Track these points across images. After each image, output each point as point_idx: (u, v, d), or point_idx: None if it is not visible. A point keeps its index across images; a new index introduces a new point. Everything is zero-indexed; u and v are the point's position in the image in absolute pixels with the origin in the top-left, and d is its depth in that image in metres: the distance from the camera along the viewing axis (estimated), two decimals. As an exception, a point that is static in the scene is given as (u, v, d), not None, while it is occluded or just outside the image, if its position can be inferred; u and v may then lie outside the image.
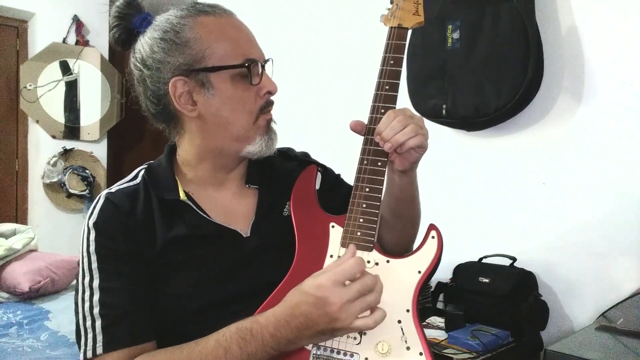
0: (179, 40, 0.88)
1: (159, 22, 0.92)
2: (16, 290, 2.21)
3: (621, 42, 1.63)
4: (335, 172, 1.11)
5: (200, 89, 0.89)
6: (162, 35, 0.89)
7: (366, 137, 0.91)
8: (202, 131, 0.92)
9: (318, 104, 2.51)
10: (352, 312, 0.75)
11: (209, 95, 0.89)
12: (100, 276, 0.85)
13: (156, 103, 0.92)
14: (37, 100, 3.46)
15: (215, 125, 0.91)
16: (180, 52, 0.88)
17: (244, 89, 0.90)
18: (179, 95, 0.89)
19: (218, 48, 0.88)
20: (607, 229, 1.64)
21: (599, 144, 1.67)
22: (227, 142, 0.92)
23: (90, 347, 0.83)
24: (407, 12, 0.95)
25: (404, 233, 1.00)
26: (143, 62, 0.91)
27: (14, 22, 3.48)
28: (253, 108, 0.91)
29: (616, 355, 1.24)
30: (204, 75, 0.88)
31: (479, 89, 1.79)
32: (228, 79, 0.89)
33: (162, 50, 0.89)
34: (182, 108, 0.90)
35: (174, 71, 0.89)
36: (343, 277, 0.76)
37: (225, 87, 0.89)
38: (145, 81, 0.92)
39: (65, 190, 3.52)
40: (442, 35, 1.85)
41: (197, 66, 0.88)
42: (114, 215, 0.88)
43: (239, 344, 0.79)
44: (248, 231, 0.94)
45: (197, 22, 0.89)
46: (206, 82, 0.88)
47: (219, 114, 0.90)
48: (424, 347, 0.80)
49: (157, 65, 0.89)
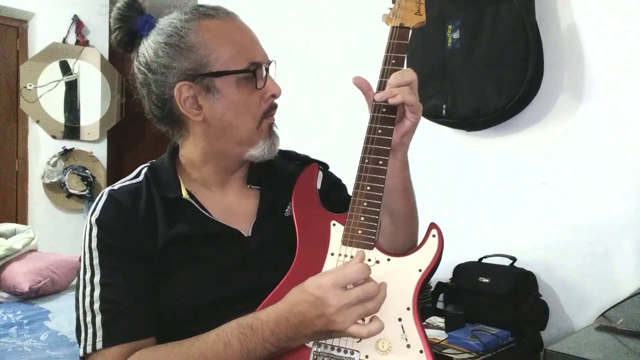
0: (183, 45, 0.88)
1: (162, 25, 0.92)
2: (16, 290, 2.21)
3: (621, 42, 1.63)
4: (337, 177, 1.11)
5: (206, 93, 0.89)
6: (166, 40, 0.89)
7: (367, 136, 0.91)
8: (206, 135, 0.93)
9: (319, 104, 2.51)
10: (349, 316, 0.75)
11: (214, 100, 0.89)
12: (102, 272, 0.85)
13: (161, 107, 0.93)
14: (37, 101, 3.46)
15: (219, 129, 0.91)
16: (186, 57, 0.88)
17: (249, 93, 0.90)
18: (184, 100, 0.90)
19: (223, 52, 0.88)
20: (607, 229, 1.64)
21: (599, 144, 1.67)
22: (230, 146, 0.93)
23: (90, 342, 0.83)
24: (409, 12, 0.95)
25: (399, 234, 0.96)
26: (147, 66, 0.91)
27: (14, 22, 3.48)
28: (257, 112, 0.92)
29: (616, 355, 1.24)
30: (209, 80, 0.89)
31: (479, 89, 1.79)
32: (233, 84, 0.89)
33: (166, 55, 0.89)
34: (188, 112, 0.90)
35: (179, 76, 0.89)
36: (345, 281, 0.76)
37: (231, 91, 0.89)
38: (150, 85, 0.92)
39: (65, 190, 3.52)
40: (442, 35, 1.85)
41: (202, 71, 0.88)
42: (116, 212, 0.89)
43: (239, 339, 0.79)
44: (249, 231, 0.95)
45: (201, 26, 0.89)
46: (211, 86, 0.89)
47: (224, 118, 0.90)
48: (425, 345, 0.80)
49: (162, 69, 0.90)
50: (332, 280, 0.76)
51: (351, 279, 0.77)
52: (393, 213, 0.95)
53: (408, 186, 0.96)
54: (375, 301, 0.77)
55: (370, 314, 0.77)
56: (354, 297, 0.75)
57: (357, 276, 0.77)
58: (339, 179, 1.11)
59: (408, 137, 0.92)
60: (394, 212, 0.95)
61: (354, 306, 0.76)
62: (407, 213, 0.97)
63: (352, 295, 0.76)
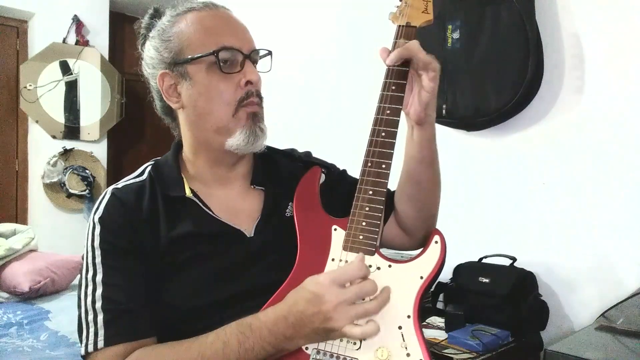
0: (165, 36, 0.93)
1: (158, 24, 0.96)
2: (16, 290, 2.21)
3: (621, 42, 1.63)
4: (339, 169, 1.11)
5: (182, 80, 0.92)
6: (154, 35, 0.95)
7: (370, 139, 0.90)
8: (188, 122, 0.95)
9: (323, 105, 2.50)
10: (347, 314, 0.75)
11: (188, 86, 0.92)
12: (104, 271, 0.85)
13: (159, 99, 0.98)
14: (37, 100, 3.46)
15: (196, 116, 0.93)
16: (165, 47, 0.93)
17: (220, 79, 0.91)
18: (166, 89, 0.94)
19: (195, 39, 0.91)
20: (607, 229, 1.64)
21: (599, 144, 1.67)
22: (209, 135, 0.93)
23: (92, 341, 0.83)
24: (416, 10, 0.93)
25: (426, 203, 0.99)
26: (145, 62, 0.97)
27: (14, 22, 3.48)
28: (231, 99, 0.91)
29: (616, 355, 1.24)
30: (183, 67, 0.91)
31: (479, 89, 1.79)
32: (203, 69, 0.91)
33: (153, 48, 0.95)
34: (169, 100, 0.95)
35: (161, 66, 0.93)
36: (342, 278, 0.76)
37: (201, 76, 0.91)
38: (149, 80, 0.98)
39: (65, 190, 3.52)
40: (442, 35, 1.85)
41: (178, 59, 0.92)
42: (120, 210, 0.89)
43: (238, 338, 0.79)
44: (252, 231, 0.95)
45: (182, 18, 0.93)
46: (184, 73, 0.92)
47: (197, 104, 0.92)
48: (425, 354, 0.79)
49: (152, 62, 0.95)
50: (330, 277, 0.76)
51: (349, 277, 0.77)
52: (420, 182, 0.97)
53: (435, 156, 0.96)
54: (375, 301, 0.77)
55: (369, 314, 0.77)
56: (352, 294, 0.76)
57: (355, 273, 0.77)
58: (343, 170, 1.12)
59: (431, 108, 0.90)
60: (421, 181, 0.97)
61: (351, 304, 0.76)
62: (435, 181, 0.98)
63: (351, 292, 0.76)
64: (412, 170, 0.96)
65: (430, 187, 0.98)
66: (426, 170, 0.96)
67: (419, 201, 0.98)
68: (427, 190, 0.98)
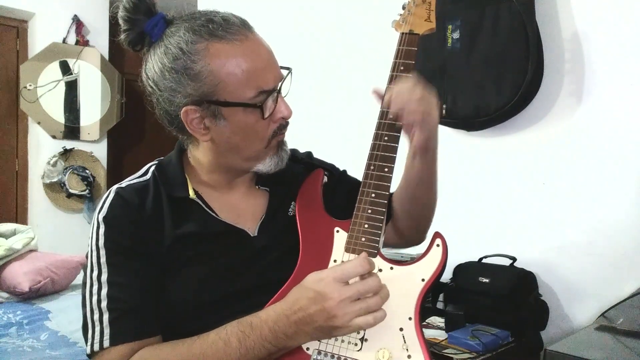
0: (190, 72, 0.85)
1: (169, 43, 0.87)
2: (16, 290, 2.21)
3: (621, 42, 1.63)
4: (340, 170, 1.12)
5: (212, 118, 0.87)
6: (172, 64, 0.85)
7: (374, 143, 0.90)
8: (214, 152, 0.93)
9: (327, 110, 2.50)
10: (350, 311, 0.75)
11: (221, 125, 0.88)
12: (109, 270, 0.86)
13: (170, 120, 0.92)
14: (37, 101, 3.46)
15: (227, 150, 0.92)
16: (192, 84, 0.85)
17: (257, 119, 0.88)
18: (190, 121, 0.88)
19: (230, 82, 0.85)
20: (607, 229, 1.64)
21: (599, 144, 1.67)
22: (237, 162, 0.94)
23: (98, 340, 0.83)
24: (419, 18, 0.94)
25: (422, 214, 1.03)
26: (155, 83, 0.89)
27: (14, 22, 3.48)
28: (265, 134, 0.90)
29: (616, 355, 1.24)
30: (216, 107, 0.86)
31: (479, 89, 1.79)
32: (240, 111, 0.87)
33: (173, 80, 0.86)
34: (195, 132, 0.89)
35: (185, 99, 0.86)
36: (345, 275, 0.77)
37: (237, 119, 0.87)
38: (159, 99, 0.90)
39: (65, 190, 3.52)
40: (442, 35, 1.85)
41: (209, 99, 0.86)
42: (124, 210, 0.89)
43: (238, 337, 0.79)
44: (255, 231, 0.95)
45: (208, 52, 0.84)
46: (218, 113, 0.87)
47: (231, 141, 0.90)
48: (426, 356, 0.80)
49: (169, 91, 0.87)
50: (333, 274, 0.77)
51: (352, 273, 0.77)
52: (418, 199, 1.00)
53: (434, 178, 0.98)
54: (377, 297, 0.77)
55: (371, 309, 0.77)
56: (355, 290, 0.76)
57: (357, 270, 0.77)
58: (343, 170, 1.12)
59: (432, 141, 0.91)
60: (419, 198, 0.99)
61: (355, 300, 0.76)
62: (433, 198, 1.01)
63: (353, 289, 0.76)
64: (410, 189, 0.98)
65: (427, 203, 1.01)
66: (425, 191, 0.98)
67: (415, 213, 1.02)
68: (424, 205, 1.02)
